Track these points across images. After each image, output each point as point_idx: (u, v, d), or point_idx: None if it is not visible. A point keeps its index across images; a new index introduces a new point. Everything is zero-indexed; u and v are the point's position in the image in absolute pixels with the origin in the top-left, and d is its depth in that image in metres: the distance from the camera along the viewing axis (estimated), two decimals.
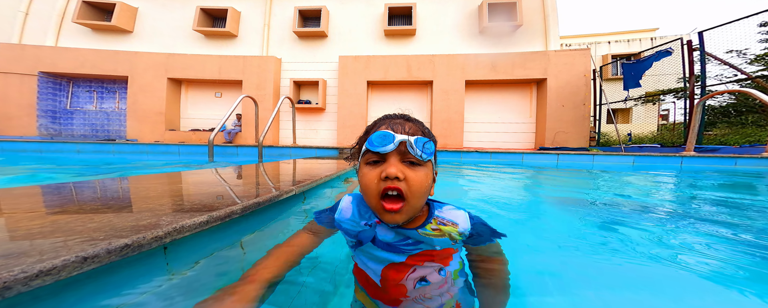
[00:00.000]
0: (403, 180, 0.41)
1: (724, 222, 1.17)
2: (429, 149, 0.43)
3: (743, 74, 4.66)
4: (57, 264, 0.27)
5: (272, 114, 3.34)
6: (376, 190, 0.42)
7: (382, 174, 0.41)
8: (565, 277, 0.75)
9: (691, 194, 1.83)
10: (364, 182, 0.43)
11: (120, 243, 0.33)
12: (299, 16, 6.76)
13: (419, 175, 0.42)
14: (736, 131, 5.12)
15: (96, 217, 0.44)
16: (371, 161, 0.44)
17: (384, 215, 0.42)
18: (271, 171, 1.37)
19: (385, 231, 0.46)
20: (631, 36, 11.77)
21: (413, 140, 0.42)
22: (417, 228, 0.45)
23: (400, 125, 0.45)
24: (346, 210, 0.50)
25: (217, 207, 0.55)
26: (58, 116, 6.82)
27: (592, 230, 1.13)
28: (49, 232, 0.36)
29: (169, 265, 0.45)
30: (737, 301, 0.61)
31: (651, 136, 7.01)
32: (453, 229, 0.46)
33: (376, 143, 0.42)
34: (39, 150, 4.07)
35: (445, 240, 0.45)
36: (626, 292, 0.66)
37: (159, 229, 0.39)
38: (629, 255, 0.87)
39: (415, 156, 0.42)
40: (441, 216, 0.46)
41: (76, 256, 0.28)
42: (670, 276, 0.72)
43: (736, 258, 0.81)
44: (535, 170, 3.18)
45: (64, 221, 0.41)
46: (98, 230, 0.38)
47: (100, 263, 0.31)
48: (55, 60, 6.35)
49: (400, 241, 0.45)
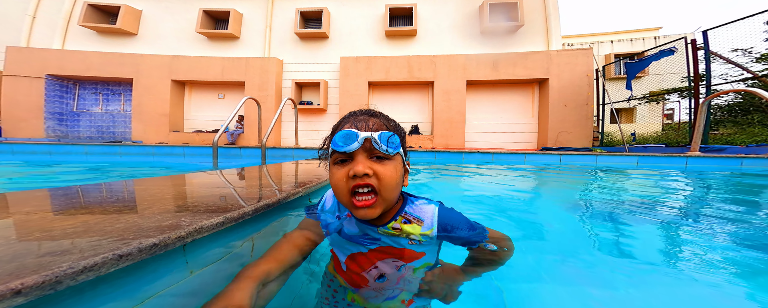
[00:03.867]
0: (373, 176, 0.41)
1: (729, 224, 1.17)
2: (394, 142, 0.43)
3: (749, 73, 4.62)
4: (98, 260, 0.30)
5: (275, 116, 3.38)
6: (346, 188, 0.42)
7: (350, 173, 0.41)
8: (567, 277, 0.76)
9: (696, 195, 1.83)
10: (333, 181, 0.44)
11: (149, 243, 0.36)
12: (300, 18, 6.81)
13: (388, 169, 0.42)
14: (743, 131, 5.07)
15: (121, 218, 0.47)
16: (339, 161, 0.43)
17: (357, 211, 0.42)
18: (276, 173, 1.41)
19: (350, 225, 0.49)
20: (633, 35, 11.68)
21: (377, 136, 0.42)
22: (378, 226, 0.47)
23: (364, 121, 0.45)
24: (328, 202, 0.54)
25: (230, 209, 0.57)
26: (65, 118, 6.93)
27: (595, 230, 1.14)
28: (82, 232, 0.39)
29: (188, 263, 0.48)
30: (740, 301, 0.62)
31: (655, 136, 6.95)
32: (415, 229, 0.46)
33: (341, 143, 0.42)
34: (49, 152, 4.15)
35: (403, 240, 0.46)
36: (627, 291, 0.67)
37: (181, 230, 0.42)
38: (632, 255, 0.88)
39: (381, 151, 0.42)
40: (409, 212, 0.48)
41: (112, 254, 0.31)
42: (673, 276, 0.74)
43: (740, 259, 0.82)
44: (538, 170, 3.18)
45: (94, 222, 0.44)
46: (127, 230, 0.40)
47: (132, 260, 0.34)
48: (62, 63, 6.45)
49: (359, 236, 0.48)
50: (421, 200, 0.50)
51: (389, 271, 0.47)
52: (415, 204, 0.49)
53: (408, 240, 0.46)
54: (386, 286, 0.47)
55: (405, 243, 0.47)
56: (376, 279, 0.47)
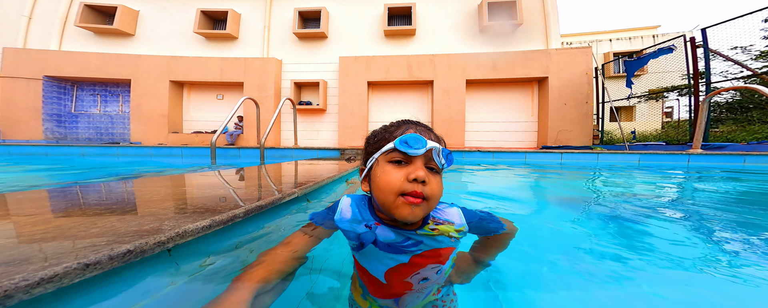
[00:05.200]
0: (427, 184, 0.43)
1: (735, 222, 1.15)
2: (451, 160, 0.46)
3: (749, 71, 4.60)
4: (58, 271, 0.26)
5: (273, 116, 3.35)
6: (398, 189, 0.42)
7: (409, 176, 0.42)
8: (568, 276, 0.74)
9: (700, 194, 1.80)
10: (387, 180, 0.43)
11: (122, 249, 0.33)
12: (299, 18, 6.78)
13: (438, 181, 0.45)
14: (743, 128, 5.06)
15: (99, 222, 0.44)
16: (395, 160, 0.44)
17: (402, 210, 0.42)
18: (273, 173, 1.37)
19: (385, 232, 0.47)
20: (632, 34, 11.69)
21: (440, 149, 0.44)
22: (415, 230, 0.47)
23: (427, 132, 0.47)
24: (346, 212, 0.50)
25: (220, 211, 0.54)
26: (63, 119, 6.89)
27: (597, 230, 1.11)
28: (51, 238, 0.36)
29: (176, 269, 0.45)
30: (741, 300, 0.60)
31: (655, 133, 6.94)
32: (450, 228, 0.48)
33: (411, 144, 0.43)
34: (45, 153, 4.12)
35: (445, 239, 0.48)
36: (629, 291, 0.65)
37: (161, 234, 0.39)
38: (635, 255, 0.86)
39: (437, 164, 0.44)
40: (437, 216, 0.49)
41: (77, 263, 0.28)
42: (676, 275, 0.71)
43: (744, 259, 0.79)
44: (539, 169, 3.15)
45: (67, 227, 0.41)
46: (101, 235, 0.37)
47: (102, 269, 0.31)
48: (60, 64, 6.42)
49: (401, 242, 0.46)
50: (442, 204, 0.52)
51: (431, 274, 0.48)
52: (439, 210, 0.50)
53: (449, 237, 0.48)
54: (428, 285, 0.49)
55: (447, 240, 0.48)
56: (420, 280, 0.48)
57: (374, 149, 0.48)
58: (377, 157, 0.46)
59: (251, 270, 0.44)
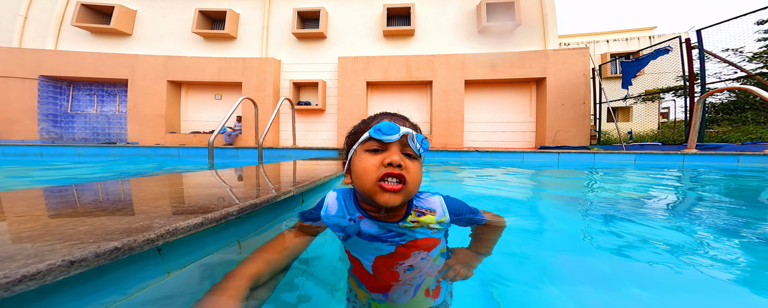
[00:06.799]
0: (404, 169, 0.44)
1: (728, 221, 1.16)
2: (425, 145, 0.47)
3: (743, 72, 4.65)
4: (41, 268, 0.26)
5: (272, 116, 3.34)
6: (375, 175, 0.43)
7: (384, 161, 0.43)
8: (566, 275, 0.74)
9: (695, 193, 1.82)
10: (364, 166, 0.45)
11: (109, 247, 0.33)
12: (298, 18, 6.78)
13: (416, 166, 0.46)
14: (738, 129, 5.11)
15: (88, 220, 0.44)
16: (372, 149, 0.46)
17: (382, 195, 0.43)
18: (270, 172, 1.37)
19: (369, 225, 0.48)
20: (629, 35, 11.78)
21: (414, 135, 0.45)
22: (398, 222, 0.48)
23: (402, 120, 0.50)
24: (332, 206, 0.52)
25: (212, 209, 0.54)
26: (59, 119, 6.83)
27: (593, 229, 1.12)
28: (38, 236, 0.35)
29: (165, 266, 0.44)
30: (740, 300, 0.60)
31: (652, 134, 6.99)
32: (431, 219, 0.49)
33: (385, 130, 0.44)
34: (40, 154, 4.08)
35: (425, 231, 0.49)
36: (626, 291, 0.65)
37: (151, 231, 0.39)
38: (632, 254, 0.86)
39: (413, 149, 0.45)
40: (419, 205, 0.50)
41: (62, 260, 0.28)
42: (672, 275, 0.71)
43: (741, 258, 0.80)
44: (536, 169, 3.16)
45: (56, 225, 0.40)
46: (89, 233, 0.37)
47: (88, 266, 0.30)
48: (56, 64, 6.36)
49: (384, 234, 0.48)
50: (425, 193, 0.53)
51: (416, 261, 0.50)
52: (421, 198, 0.52)
53: (429, 229, 0.49)
54: (415, 275, 0.50)
55: (428, 232, 0.49)
56: (406, 269, 0.49)
57: (353, 141, 0.50)
58: (355, 147, 0.48)
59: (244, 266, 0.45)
